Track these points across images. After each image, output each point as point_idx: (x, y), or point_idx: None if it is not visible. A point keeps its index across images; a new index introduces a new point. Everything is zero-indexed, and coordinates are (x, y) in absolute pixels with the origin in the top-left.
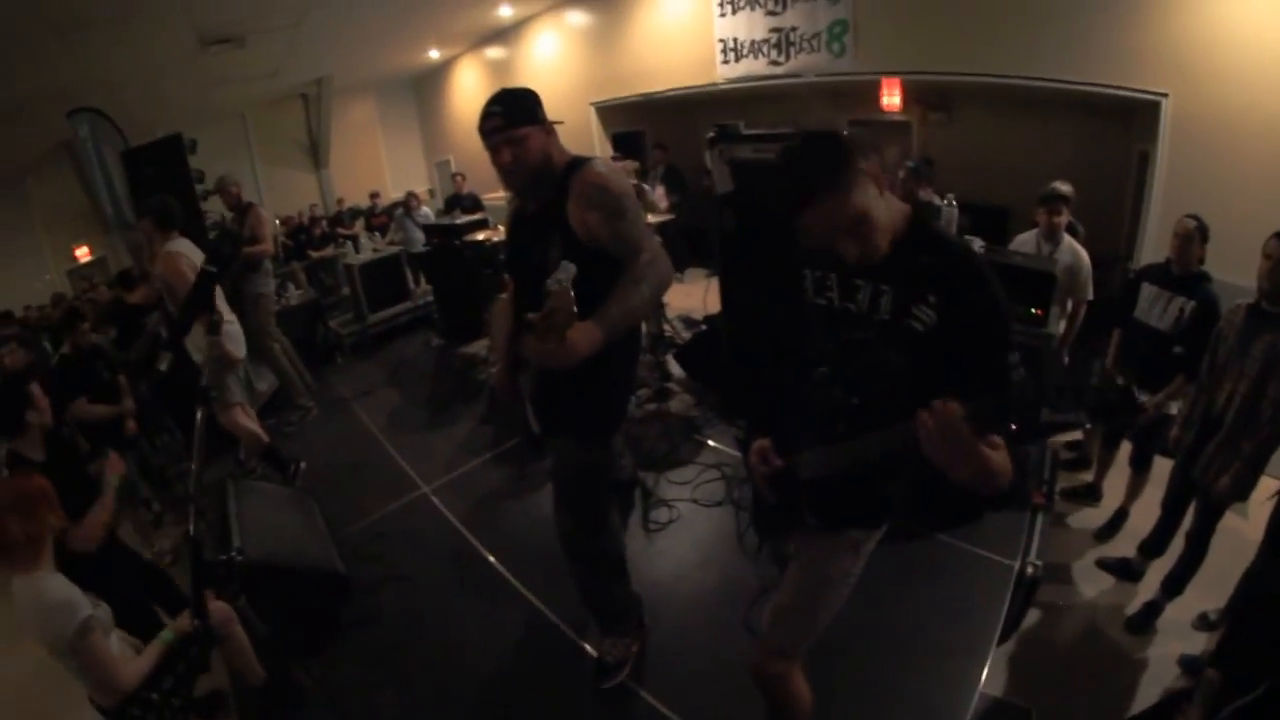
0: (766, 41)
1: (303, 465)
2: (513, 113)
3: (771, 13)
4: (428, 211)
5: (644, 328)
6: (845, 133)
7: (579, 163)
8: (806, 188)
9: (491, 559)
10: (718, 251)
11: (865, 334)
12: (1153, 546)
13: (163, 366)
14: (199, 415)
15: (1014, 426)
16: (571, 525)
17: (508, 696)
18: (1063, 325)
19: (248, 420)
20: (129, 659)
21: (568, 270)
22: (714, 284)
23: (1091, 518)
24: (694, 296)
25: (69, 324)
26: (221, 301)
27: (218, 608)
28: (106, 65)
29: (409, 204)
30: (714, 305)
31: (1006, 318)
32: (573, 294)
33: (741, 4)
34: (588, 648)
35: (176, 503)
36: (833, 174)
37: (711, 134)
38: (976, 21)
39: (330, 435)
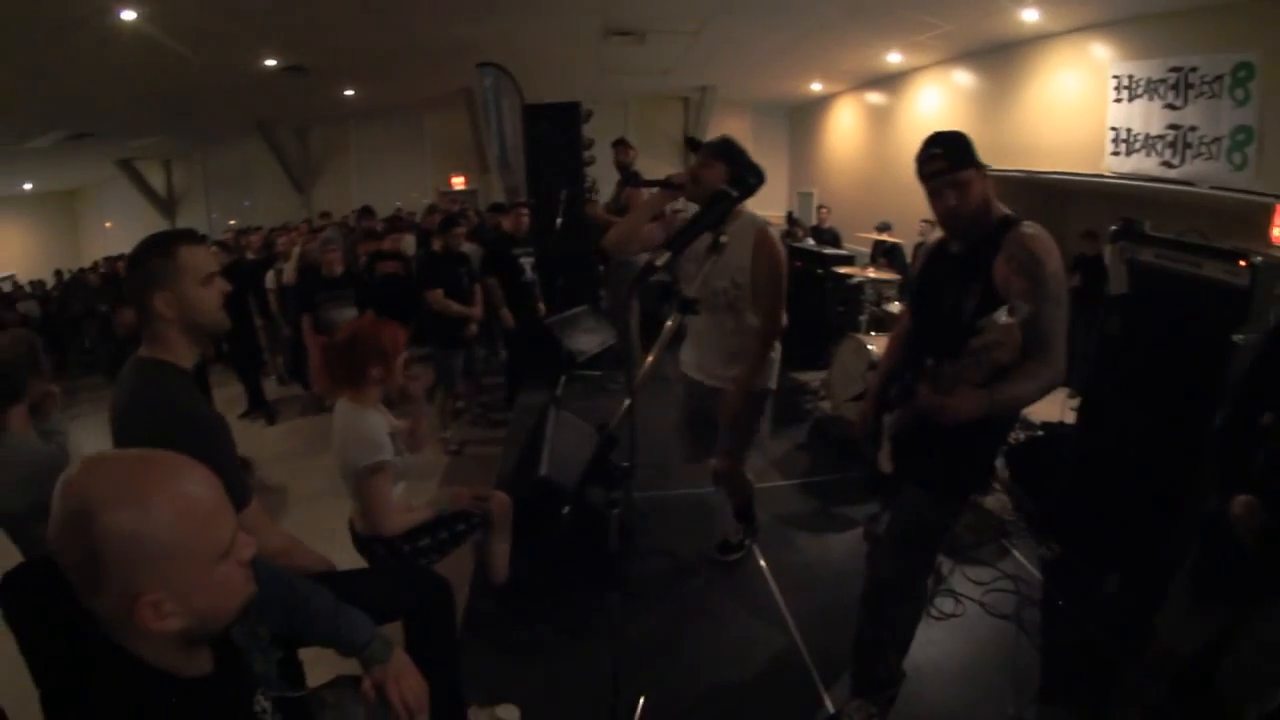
0: (1161, 139)
1: None
2: (955, 154)
3: (1170, 106)
4: (810, 242)
5: None
6: None
7: (1014, 219)
8: None
9: (768, 574)
10: (1091, 355)
11: None
12: None
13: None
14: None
15: None
16: (889, 576)
17: (724, 708)
18: None
19: None
20: (404, 509)
21: (1024, 312)
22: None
23: None
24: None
25: (446, 228)
26: None
27: (500, 500)
28: (518, 32)
29: (794, 233)
30: (1054, 412)
31: None
32: (1020, 339)
33: (1139, 91)
34: (827, 701)
35: (482, 406)
36: None
37: (1116, 227)
38: None
39: (647, 406)
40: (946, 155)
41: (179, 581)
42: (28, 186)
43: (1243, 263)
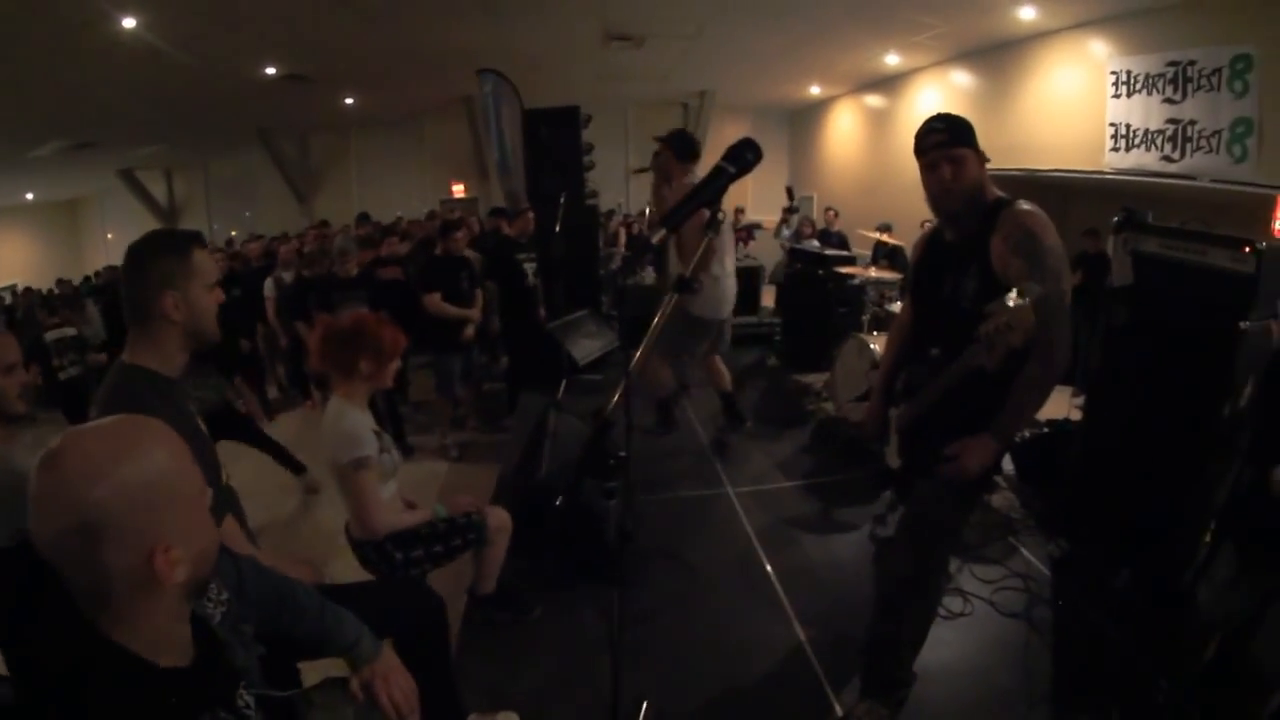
0: (1161, 134)
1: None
2: (956, 132)
3: (1169, 100)
4: (815, 244)
5: None
6: None
7: (1007, 200)
8: None
9: (773, 576)
10: (1099, 348)
11: None
12: None
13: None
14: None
15: None
16: (906, 573)
17: (731, 713)
18: None
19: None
20: (394, 510)
21: (1035, 291)
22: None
23: None
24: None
25: (445, 233)
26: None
27: (499, 515)
28: (517, 37)
29: (801, 231)
30: (1060, 411)
31: None
32: (1034, 319)
33: (1138, 86)
34: (836, 704)
35: (485, 412)
36: None
37: (1118, 218)
38: None
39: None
40: (947, 130)
41: (182, 523)
42: (29, 196)
43: (1248, 249)
